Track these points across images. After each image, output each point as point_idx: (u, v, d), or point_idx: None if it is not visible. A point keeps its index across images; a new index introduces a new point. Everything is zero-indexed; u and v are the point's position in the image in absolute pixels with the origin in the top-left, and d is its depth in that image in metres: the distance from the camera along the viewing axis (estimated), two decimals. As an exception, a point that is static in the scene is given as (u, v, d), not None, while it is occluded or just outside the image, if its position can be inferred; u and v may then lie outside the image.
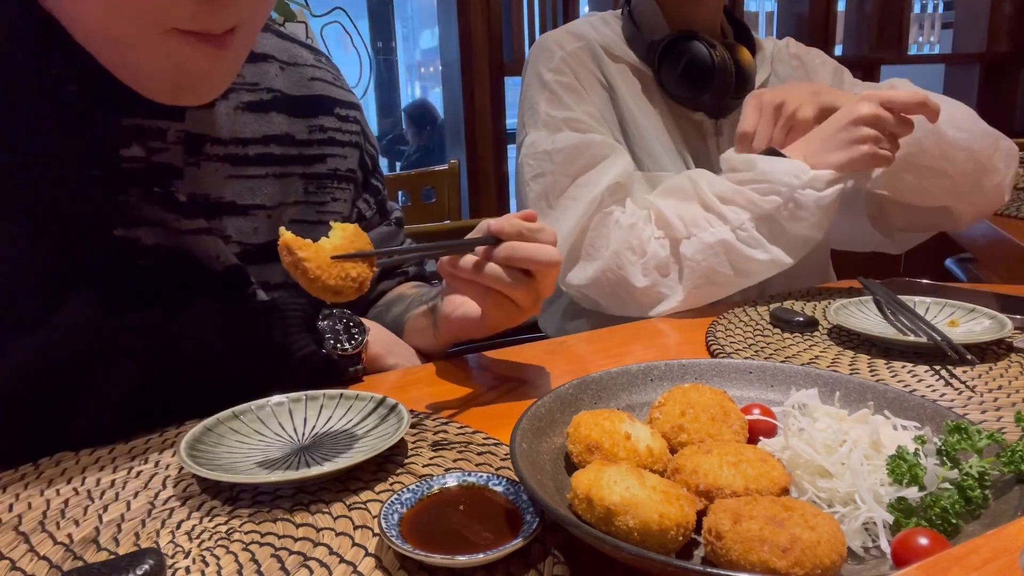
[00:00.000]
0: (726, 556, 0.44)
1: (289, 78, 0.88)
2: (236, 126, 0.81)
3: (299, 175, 0.87)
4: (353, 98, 0.97)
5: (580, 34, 1.22)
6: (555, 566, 0.48)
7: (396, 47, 8.31)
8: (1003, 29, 3.95)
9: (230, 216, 0.79)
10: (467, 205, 2.95)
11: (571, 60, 1.18)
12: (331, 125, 0.91)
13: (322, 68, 0.93)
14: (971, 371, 0.79)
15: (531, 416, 0.59)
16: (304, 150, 0.87)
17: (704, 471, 0.51)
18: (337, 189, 0.91)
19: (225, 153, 0.79)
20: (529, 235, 0.74)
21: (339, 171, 0.91)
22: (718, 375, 0.69)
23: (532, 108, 1.19)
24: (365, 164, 0.97)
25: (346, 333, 0.84)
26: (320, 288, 0.62)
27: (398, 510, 0.52)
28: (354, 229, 0.66)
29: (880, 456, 0.53)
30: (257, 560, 0.50)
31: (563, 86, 1.17)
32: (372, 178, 1.00)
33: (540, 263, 0.74)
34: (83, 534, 0.54)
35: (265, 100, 0.84)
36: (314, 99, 0.90)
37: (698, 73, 1.17)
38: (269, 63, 0.87)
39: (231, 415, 0.67)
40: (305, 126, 0.88)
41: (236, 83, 0.81)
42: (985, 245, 1.53)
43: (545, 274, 0.75)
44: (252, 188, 0.81)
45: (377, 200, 1.01)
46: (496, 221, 0.74)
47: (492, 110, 2.92)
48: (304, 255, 0.60)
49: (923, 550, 0.44)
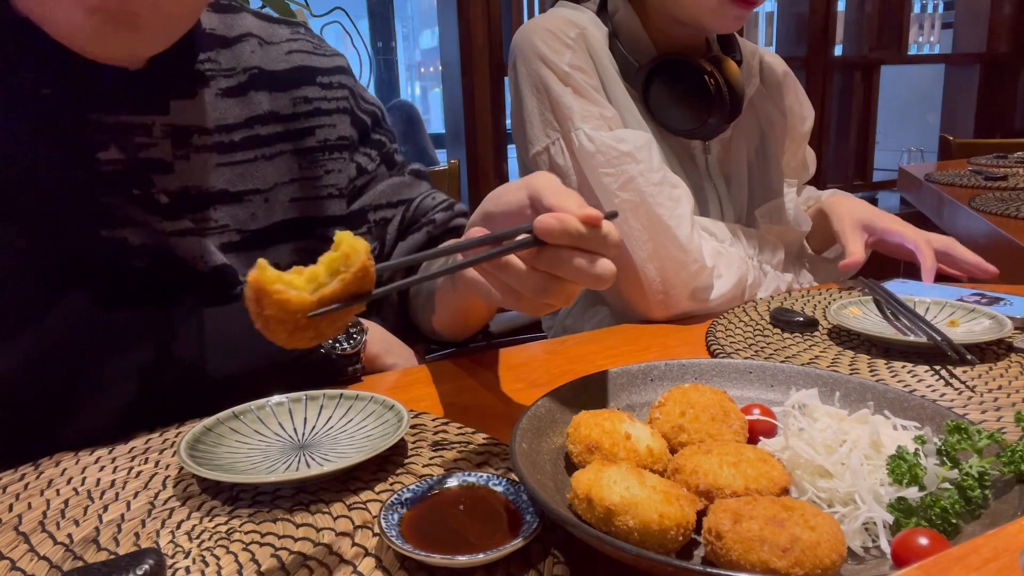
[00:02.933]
0: (726, 556, 0.44)
1: (267, 54, 0.86)
2: (219, 113, 0.80)
3: (290, 152, 0.85)
4: (337, 61, 0.93)
5: (573, 21, 1.11)
6: (555, 566, 0.48)
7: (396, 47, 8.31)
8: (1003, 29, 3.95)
9: (224, 205, 0.79)
10: (467, 205, 2.94)
11: (579, 50, 1.08)
12: (315, 95, 0.88)
13: (300, 39, 0.90)
14: (971, 371, 0.79)
15: (531, 416, 0.59)
16: (290, 125, 0.85)
17: (704, 471, 0.51)
18: (330, 160, 0.88)
19: (213, 142, 0.78)
20: (585, 244, 0.56)
21: (329, 141, 0.88)
22: (718, 375, 0.69)
23: (557, 104, 1.05)
24: (360, 122, 0.93)
25: (345, 333, 0.84)
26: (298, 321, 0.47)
27: (398, 510, 0.52)
28: (364, 249, 0.48)
29: (880, 456, 0.53)
30: (257, 560, 0.50)
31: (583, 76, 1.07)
32: (374, 133, 0.95)
33: (590, 284, 0.58)
34: (83, 534, 0.54)
35: (243, 82, 0.83)
36: (294, 71, 0.87)
37: (693, 106, 1.09)
38: (245, 41, 0.85)
39: (231, 415, 0.67)
40: (288, 100, 0.86)
41: (214, 70, 0.80)
42: (985, 245, 1.53)
43: (588, 285, 0.59)
44: (243, 174, 0.80)
45: (382, 152, 0.96)
46: (544, 221, 0.55)
47: (492, 110, 2.92)
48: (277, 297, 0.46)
49: (923, 550, 0.44)
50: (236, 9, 0.87)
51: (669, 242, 1.01)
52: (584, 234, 0.56)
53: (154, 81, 0.74)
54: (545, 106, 1.07)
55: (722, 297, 1.05)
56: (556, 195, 0.59)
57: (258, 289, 0.46)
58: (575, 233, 0.55)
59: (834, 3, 3.55)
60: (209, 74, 0.80)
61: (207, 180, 0.78)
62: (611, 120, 1.06)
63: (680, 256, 1.01)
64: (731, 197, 1.18)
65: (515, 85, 1.12)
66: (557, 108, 1.05)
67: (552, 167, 1.06)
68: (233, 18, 0.86)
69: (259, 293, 0.46)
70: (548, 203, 0.58)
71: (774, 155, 1.24)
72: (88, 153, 0.70)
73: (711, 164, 1.17)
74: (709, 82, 1.08)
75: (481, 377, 0.85)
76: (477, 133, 2.92)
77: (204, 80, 0.79)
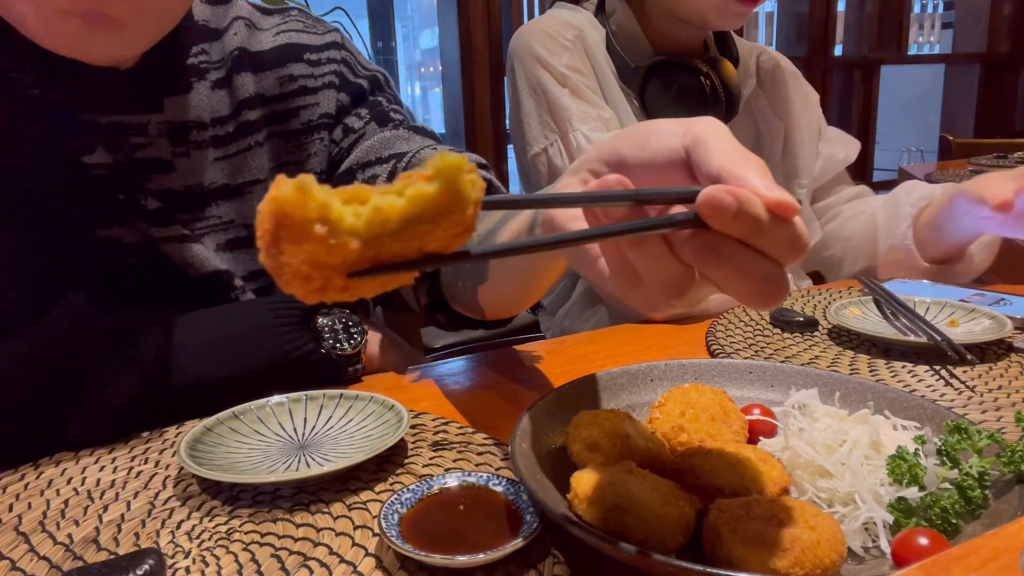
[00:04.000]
0: (726, 556, 0.44)
1: (252, 36, 0.84)
2: (213, 106, 0.78)
3: (278, 136, 0.83)
4: (329, 37, 0.88)
5: (570, 22, 1.12)
6: (555, 566, 0.48)
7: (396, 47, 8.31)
8: (1003, 29, 3.95)
9: (226, 200, 0.77)
10: (467, 205, 2.94)
11: (576, 52, 1.09)
12: (301, 72, 0.85)
13: (289, 21, 0.88)
14: (971, 371, 0.79)
15: (531, 416, 0.59)
16: (275, 106, 0.83)
17: (704, 471, 0.51)
18: (312, 142, 0.85)
19: (209, 136, 0.77)
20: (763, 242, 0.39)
21: (312, 121, 0.84)
22: (718, 375, 0.69)
23: (555, 105, 1.06)
24: (355, 87, 0.88)
25: (345, 333, 0.84)
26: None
27: (398, 510, 0.52)
28: (475, 199, 0.33)
29: (880, 456, 0.53)
30: (257, 560, 0.50)
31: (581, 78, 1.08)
32: (371, 96, 0.89)
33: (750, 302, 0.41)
34: (83, 534, 0.54)
35: (230, 68, 0.81)
36: (279, 49, 0.84)
37: (689, 108, 1.09)
38: (232, 26, 0.83)
39: (231, 415, 0.67)
40: (274, 79, 0.83)
41: (206, 62, 0.79)
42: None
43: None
44: (239, 165, 0.79)
45: (374, 112, 0.87)
46: (714, 196, 0.37)
47: (492, 110, 2.92)
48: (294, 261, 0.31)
49: (923, 550, 0.44)
50: (226, 0, 0.86)
51: None
52: (765, 225, 0.37)
53: (146, 79, 0.73)
54: (543, 108, 1.07)
55: (721, 296, 1.05)
56: (731, 157, 0.40)
57: (282, 222, 0.30)
58: (753, 221, 0.37)
59: (834, 3, 3.56)
60: (203, 67, 0.78)
61: (208, 176, 0.76)
62: (608, 121, 1.06)
63: None
64: None
65: (513, 87, 1.12)
66: (555, 109, 1.06)
67: (550, 168, 1.06)
68: (225, 8, 0.84)
69: (284, 229, 0.30)
70: (717, 165, 0.40)
71: (771, 156, 1.23)
72: (81, 153, 0.69)
73: None
74: (705, 83, 1.09)
75: (481, 377, 0.85)
76: (477, 133, 2.92)
77: (199, 73, 0.78)
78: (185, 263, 0.74)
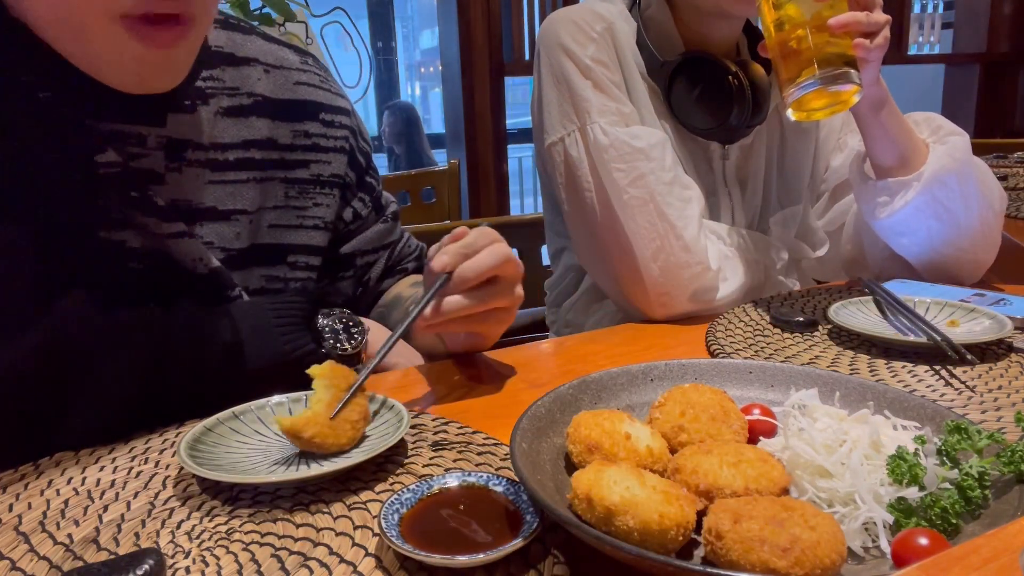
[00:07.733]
0: (726, 556, 0.44)
1: (274, 81, 0.87)
2: (216, 131, 0.80)
3: (280, 180, 0.86)
4: (343, 102, 0.95)
5: (601, 15, 1.11)
6: (555, 566, 0.48)
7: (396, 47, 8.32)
8: (1003, 29, 3.95)
9: (211, 222, 0.79)
10: (467, 205, 2.95)
11: (603, 44, 1.08)
12: (316, 131, 0.90)
13: (308, 71, 0.92)
14: (971, 371, 0.79)
15: (531, 416, 0.59)
16: (286, 155, 0.86)
17: (704, 471, 0.51)
18: (320, 194, 0.90)
19: (206, 158, 0.79)
20: (471, 251, 0.75)
21: (322, 176, 0.90)
22: (718, 375, 0.69)
23: (577, 96, 1.05)
24: (357, 164, 0.95)
25: (346, 333, 0.84)
26: (343, 446, 0.63)
27: (398, 510, 0.52)
28: (329, 366, 0.66)
29: (880, 456, 0.53)
30: (257, 560, 0.50)
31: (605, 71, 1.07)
32: (367, 176, 0.98)
33: (497, 266, 0.76)
34: (83, 534, 0.54)
35: (246, 105, 0.83)
36: (299, 103, 0.89)
37: (714, 105, 1.09)
38: (252, 67, 0.86)
39: (231, 415, 0.67)
40: (289, 130, 0.87)
41: (216, 87, 0.81)
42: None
43: (507, 271, 0.77)
44: (232, 193, 0.81)
45: (372, 197, 0.99)
46: (436, 260, 0.75)
47: (492, 110, 2.92)
48: (311, 434, 0.61)
49: (923, 550, 0.44)
50: (246, 30, 0.88)
51: (674, 242, 1.01)
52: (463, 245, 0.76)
53: (153, 94, 0.74)
54: (564, 98, 1.07)
55: (726, 299, 1.05)
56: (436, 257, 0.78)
57: (288, 427, 0.61)
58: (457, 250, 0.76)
59: (834, 3, 3.55)
60: (209, 91, 0.80)
61: (197, 195, 0.78)
62: (628, 116, 1.06)
63: (684, 257, 1.01)
64: (744, 203, 1.18)
65: (537, 73, 1.13)
66: (576, 100, 1.06)
67: (566, 158, 1.07)
68: (244, 38, 0.86)
69: (293, 430, 0.61)
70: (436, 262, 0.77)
71: (799, 163, 1.22)
72: (86, 156, 0.70)
73: (728, 169, 1.17)
74: (732, 82, 1.08)
75: (481, 377, 0.85)
76: (477, 133, 2.92)
77: (203, 97, 0.79)
78: (193, 259, 0.76)
